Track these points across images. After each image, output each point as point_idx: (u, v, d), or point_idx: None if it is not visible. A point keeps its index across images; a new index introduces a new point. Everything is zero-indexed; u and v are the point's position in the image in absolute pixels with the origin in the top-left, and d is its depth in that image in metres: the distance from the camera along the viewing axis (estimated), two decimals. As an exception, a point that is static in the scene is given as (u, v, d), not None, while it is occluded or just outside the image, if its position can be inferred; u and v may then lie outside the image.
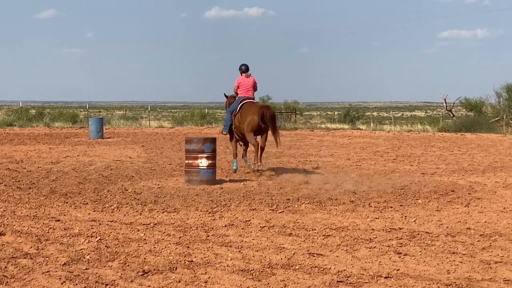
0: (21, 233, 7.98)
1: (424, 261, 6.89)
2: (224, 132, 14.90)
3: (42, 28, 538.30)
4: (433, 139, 29.04)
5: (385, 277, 6.28)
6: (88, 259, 6.79)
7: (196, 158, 12.71)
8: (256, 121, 13.57)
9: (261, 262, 6.79)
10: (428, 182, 13.24)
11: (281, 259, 6.91)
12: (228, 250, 7.29)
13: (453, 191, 12.05)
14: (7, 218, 8.92)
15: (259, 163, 13.76)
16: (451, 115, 42.90)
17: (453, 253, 7.28)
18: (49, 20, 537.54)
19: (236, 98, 14.55)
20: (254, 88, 14.52)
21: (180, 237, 7.88)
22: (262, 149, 13.89)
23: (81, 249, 7.20)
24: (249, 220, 9.00)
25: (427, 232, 8.35)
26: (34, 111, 46.52)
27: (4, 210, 9.54)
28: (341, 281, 6.15)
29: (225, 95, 15.44)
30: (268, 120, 13.55)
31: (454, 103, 44.47)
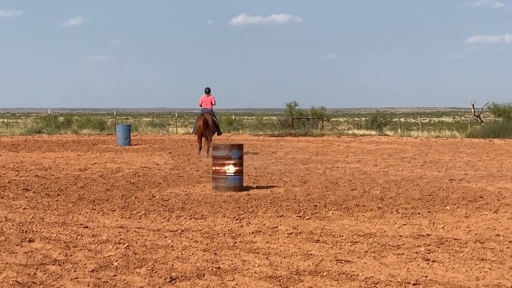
0: (49, 239, 8.04)
1: (453, 268, 6.84)
2: (192, 132, 25.18)
3: (70, 35, 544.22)
4: (461, 145, 28.81)
5: (414, 284, 6.24)
6: (116, 266, 6.83)
7: (223, 165, 12.72)
8: (201, 126, 21.03)
9: (288, 268, 6.78)
10: (456, 188, 13.14)
11: (309, 265, 6.90)
12: (256, 256, 7.28)
13: (482, 197, 11.94)
14: (36, 225, 9.00)
15: (207, 154, 20.50)
16: (479, 121, 42.55)
17: (482, 259, 7.21)
18: (76, 27, 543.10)
19: (200, 111, 21.98)
20: (211, 103, 21.75)
21: (207, 244, 7.89)
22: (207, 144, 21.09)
23: (109, 256, 7.25)
24: (277, 227, 9.00)
25: (455, 239, 8.28)
26: (62, 118, 46.83)
27: (33, 217, 9.64)
28: (369, 288, 6.12)
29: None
30: (205, 126, 21.01)
31: (482, 108, 44.13)
